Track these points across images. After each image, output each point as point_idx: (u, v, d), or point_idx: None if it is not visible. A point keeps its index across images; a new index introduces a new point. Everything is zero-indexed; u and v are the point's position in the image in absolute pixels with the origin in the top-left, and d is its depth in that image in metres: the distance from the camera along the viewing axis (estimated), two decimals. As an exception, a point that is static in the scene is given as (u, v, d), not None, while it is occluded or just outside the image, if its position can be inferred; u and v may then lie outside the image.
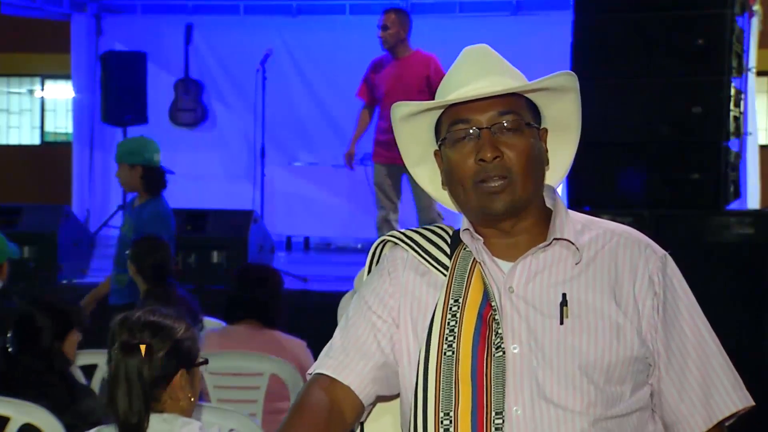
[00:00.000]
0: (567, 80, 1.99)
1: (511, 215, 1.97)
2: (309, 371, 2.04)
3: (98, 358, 4.41)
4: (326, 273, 7.98)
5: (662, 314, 1.95)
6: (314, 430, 1.91)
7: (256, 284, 4.55)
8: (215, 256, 7.44)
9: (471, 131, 1.96)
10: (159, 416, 2.66)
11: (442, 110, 2.01)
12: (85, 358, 4.38)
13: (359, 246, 10.13)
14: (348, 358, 1.99)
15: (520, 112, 1.97)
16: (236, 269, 5.08)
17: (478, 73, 1.98)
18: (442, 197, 2.12)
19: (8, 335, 3.73)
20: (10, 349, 3.71)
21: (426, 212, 7.57)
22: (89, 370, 4.41)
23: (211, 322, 5.10)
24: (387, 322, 2.01)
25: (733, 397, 1.96)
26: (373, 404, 2.04)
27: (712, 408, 1.95)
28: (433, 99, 2.03)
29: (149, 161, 5.81)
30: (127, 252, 5.35)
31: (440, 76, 7.47)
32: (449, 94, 1.98)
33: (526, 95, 1.99)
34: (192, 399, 2.72)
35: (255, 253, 7.52)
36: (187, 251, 7.33)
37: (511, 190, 1.94)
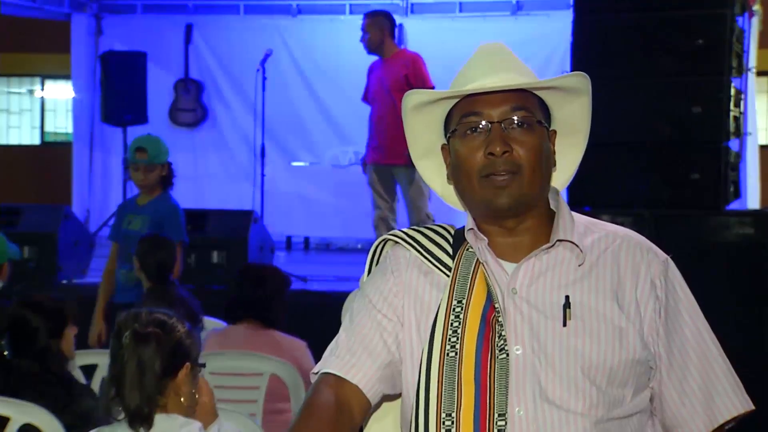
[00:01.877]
0: (581, 82, 1.99)
1: (516, 212, 1.97)
2: (314, 370, 2.03)
3: (98, 358, 4.41)
4: (326, 273, 7.97)
5: (664, 318, 1.96)
6: (324, 430, 1.91)
7: (257, 284, 4.56)
8: (215, 256, 7.43)
9: (482, 125, 1.96)
10: (159, 415, 2.67)
11: (454, 103, 2.00)
12: (85, 358, 4.39)
13: (359, 246, 10.12)
14: (355, 358, 1.99)
15: (532, 109, 1.97)
16: (237, 269, 5.08)
17: (493, 68, 1.97)
18: (445, 192, 2.12)
19: (3, 341, 3.71)
20: (6, 354, 3.70)
21: (416, 213, 7.56)
22: (89, 370, 4.41)
23: (211, 322, 5.10)
24: (392, 321, 2.01)
25: (734, 401, 1.96)
26: (378, 404, 2.04)
27: (713, 412, 1.95)
28: None
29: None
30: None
31: (420, 74, 7.50)
32: (464, 87, 1.97)
33: (538, 95, 2.00)
34: (196, 395, 2.74)
35: (255, 253, 7.51)
36: (187, 251, 7.32)
37: (518, 185, 1.94)
